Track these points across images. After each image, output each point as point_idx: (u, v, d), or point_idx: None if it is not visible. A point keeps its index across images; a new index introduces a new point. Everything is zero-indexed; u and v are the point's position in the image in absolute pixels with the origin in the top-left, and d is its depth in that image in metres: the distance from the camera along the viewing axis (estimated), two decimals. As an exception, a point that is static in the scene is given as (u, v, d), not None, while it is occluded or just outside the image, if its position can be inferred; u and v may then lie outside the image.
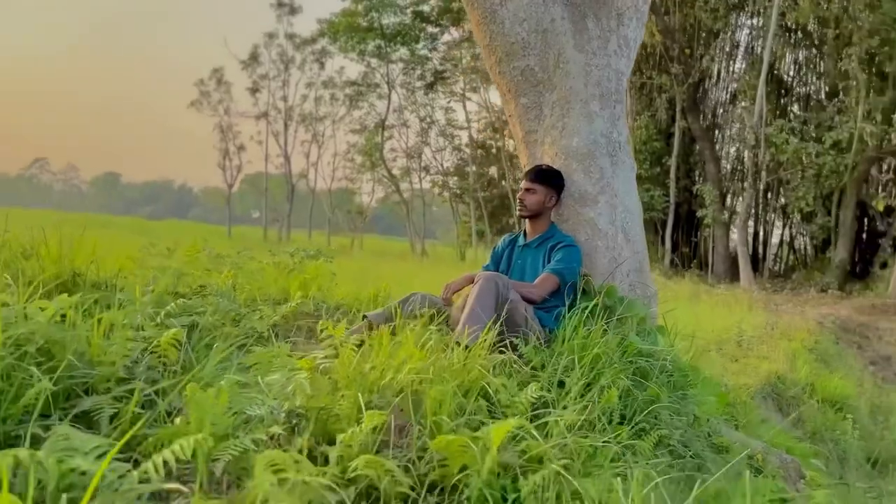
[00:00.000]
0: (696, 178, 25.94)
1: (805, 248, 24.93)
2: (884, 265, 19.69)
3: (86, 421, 2.06)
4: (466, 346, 2.78)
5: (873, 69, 21.09)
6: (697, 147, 25.24)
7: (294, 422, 2.11)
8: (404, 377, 2.35)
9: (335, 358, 2.47)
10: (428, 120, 30.66)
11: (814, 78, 24.80)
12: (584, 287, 3.73)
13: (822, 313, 14.98)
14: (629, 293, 3.83)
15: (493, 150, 29.68)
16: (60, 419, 2.04)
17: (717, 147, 26.15)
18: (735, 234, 22.56)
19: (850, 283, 20.67)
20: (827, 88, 23.54)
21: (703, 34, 24.49)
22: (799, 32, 23.98)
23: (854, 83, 20.69)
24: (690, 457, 2.86)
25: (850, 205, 21.09)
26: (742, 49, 25.46)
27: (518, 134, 4.13)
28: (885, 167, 21.40)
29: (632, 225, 3.96)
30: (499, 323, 3.08)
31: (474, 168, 28.01)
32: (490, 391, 2.54)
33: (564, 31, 3.95)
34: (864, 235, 22.13)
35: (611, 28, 4.04)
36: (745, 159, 23.20)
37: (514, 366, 2.87)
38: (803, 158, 20.44)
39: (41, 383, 1.97)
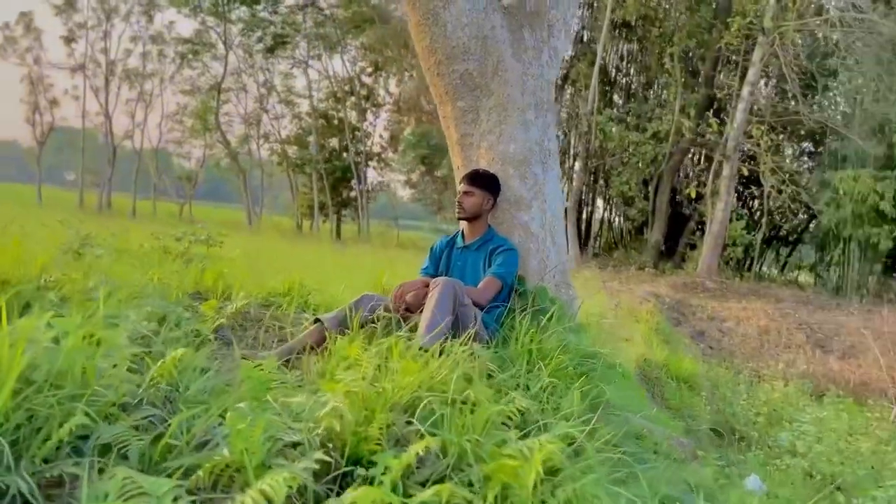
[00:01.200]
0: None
1: (622, 230, 27.01)
2: (693, 247, 21.93)
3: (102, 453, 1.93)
4: (424, 349, 2.89)
5: (689, 68, 23.20)
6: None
7: (329, 446, 2.11)
8: (411, 393, 2.41)
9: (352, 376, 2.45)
10: (267, 85, 29.59)
11: (637, 71, 26.73)
12: (518, 288, 3.94)
13: (647, 291, 16.43)
14: (555, 293, 4.09)
15: (336, 121, 29.26)
16: (74, 452, 1.91)
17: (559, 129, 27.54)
18: (566, 215, 24.02)
19: (663, 262, 22.82)
20: (646, 82, 25.53)
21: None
22: (624, 27, 25.71)
23: (672, 79, 22.66)
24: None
25: (666, 191, 23.19)
26: (573, 37, 26.87)
27: (453, 136, 4.22)
28: (695, 158, 23.69)
29: (558, 229, 4.21)
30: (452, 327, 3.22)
31: (315, 138, 27.47)
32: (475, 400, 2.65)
33: (503, 40, 4.08)
34: (675, 219, 24.41)
35: (543, 39, 4.23)
36: (573, 144, 24.68)
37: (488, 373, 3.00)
38: (628, 147, 22.14)
39: (75, 418, 1.84)
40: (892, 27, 16.57)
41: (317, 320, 3.47)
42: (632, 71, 27.93)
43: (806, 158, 24.06)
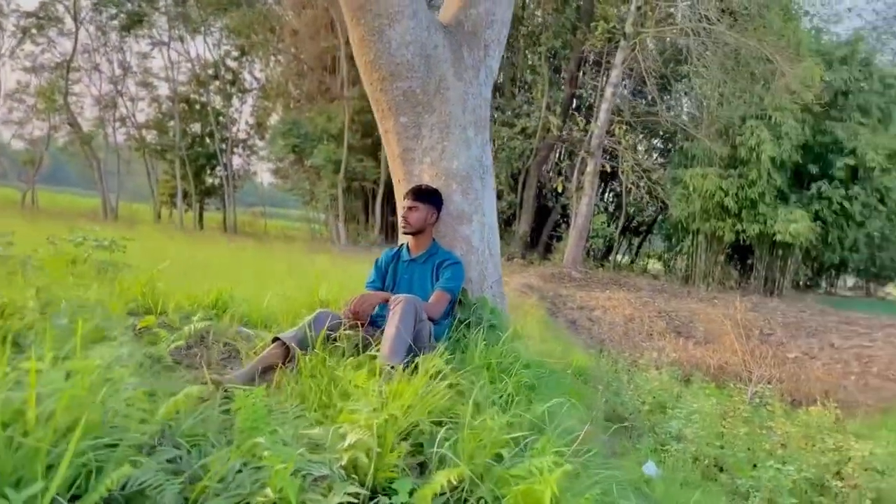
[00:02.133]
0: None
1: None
2: (559, 238, 23.02)
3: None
4: (392, 367, 3.03)
5: (555, 67, 24.22)
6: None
7: (354, 477, 2.19)
8: (417, 417, 2.51)
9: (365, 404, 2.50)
10: (123, 66, 27.72)
11: (506, 68, 27.47)
12: (461, 299, 4.12)
13: (521, 283, 17.10)
14: (493, 303, 4.29)
15: (198, 106, 27.97)
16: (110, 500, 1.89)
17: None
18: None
19: (530, 253, 23.79)
20: (513, 79, 26.33)
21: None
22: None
23: (540, 78, 23.58)
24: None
25: (533, 185, 24.15)
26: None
27: (394, 150, 4.30)
28: (561, 154, 24.77)
29: (494, 241, 4.41)
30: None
31: (177, 123, 26.12)
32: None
33: (446, 59, 4.21)
34: (542, 212, 25.47)
35: (480, 59, 4.40)
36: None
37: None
38: (496, 142, 22.82)
39: (123, 468, 1.82)
40: (736, 38, 18.14)
41: (276, 339, 3.46)
42: (504, 69, 28.61)
43: (656, 156, 25.73)
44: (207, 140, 28.31)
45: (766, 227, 19.91)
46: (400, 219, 3.98)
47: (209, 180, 29.30)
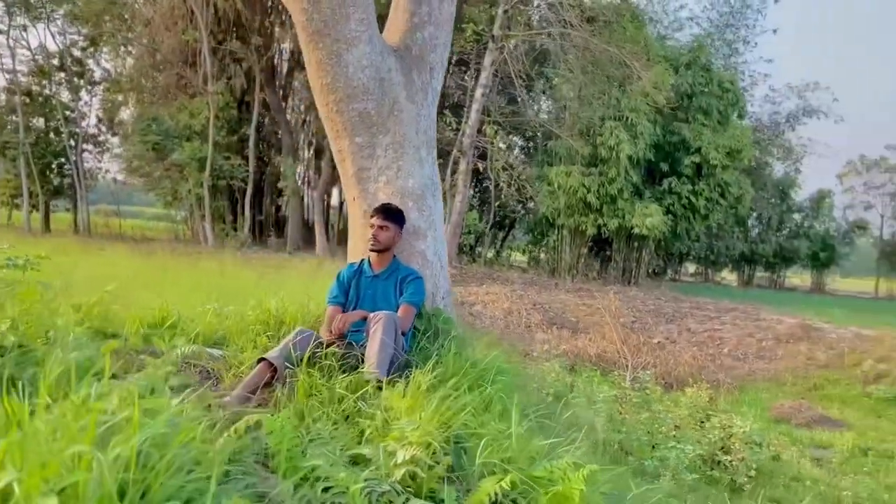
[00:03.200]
0: (272, 150, 26.86)
1: None
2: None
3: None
4: (378, 379, 3.27)
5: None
6: (275, 118, 26.11)
7: (410, 491, 2.39)
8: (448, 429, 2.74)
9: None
10: (-47, 54, 25.09)
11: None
12: (419, 311, 4.35)
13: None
14: (445, 313, 4.56)
15: (41, 99, 25.86)
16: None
17: (291, 120, 27.40)
18: (313, 205, 24.20)
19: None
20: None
21: (281, 7, 25.24)
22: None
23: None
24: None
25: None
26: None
27: (348, 169, 4.44)
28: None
29: (443, 255, 4.66)
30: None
31: (21, 118, 23.99)
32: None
33: (398, 82, 4.40)
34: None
35: (427, 81, 4.63)
36: (317, 133, 24.90)
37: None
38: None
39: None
40: (596, 43, 19.36)
41: (261, 360, 3.55)
42: None
43: (523, 155, 26.79)
44: (53, 136, 26.30)
45: (625, 221, 21.41)
46: (370, 237, 4.11)
47: (57, 179, 27.24)
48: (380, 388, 3.28)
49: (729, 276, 39.15)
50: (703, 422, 7.75)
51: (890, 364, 13.27)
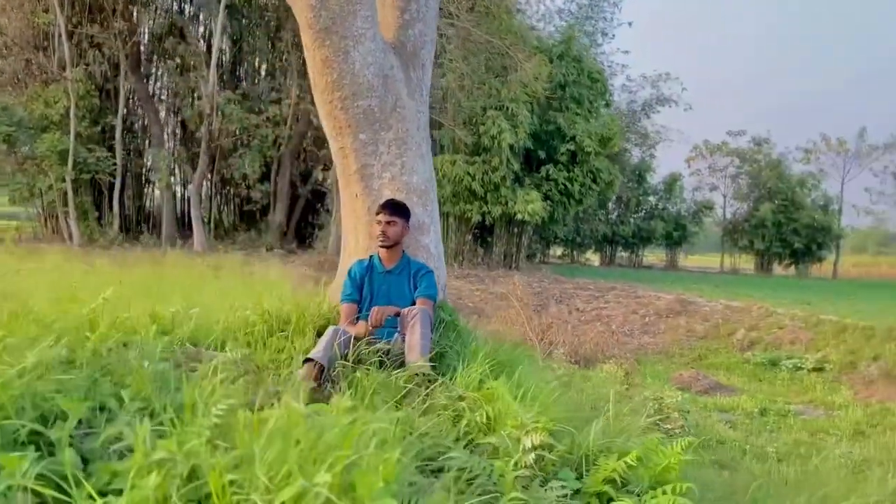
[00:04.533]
0: (142, 141, 25.37)
1: (247, 213, 26.81)
2: (321, 227, 23.20)
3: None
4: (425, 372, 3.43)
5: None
6: (142, 109, 24.65)
7: (540, 474, 2.54)
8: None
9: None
10: None
11: (255, 54, 26.61)
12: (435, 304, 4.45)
13: (299, 273, 17.08)
14: (449, 304, 4.69)
15: None
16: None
17: (162, 111, 25.96)
18: (189, 198, 23.14)
19: (288, 243, 23.68)
20: (266, 65, 25.80)
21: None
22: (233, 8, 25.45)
23: (288, 64, 23.39)
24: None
25: (286, 173, 23.97)
26: (187, 16, 25.60)
27: (351, 166, 4.44)
28: (322, 141, 24.74)
29: (441, 248, 4.78)
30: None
31: None
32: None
33: (399, 79, 4.45)
34: (303, 200, 25.33)
35: (420, 78, 4.71)
36: (189, 124, 23.81)
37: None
38: (249, 129, 22.27)
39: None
40: (479, 34, 19.81)
41: (307, 360, 3.55)
42: (253, 54, 27.44)
43: None
44: None
45: (508, 207, 22.14)
46: (378, 233, 4.15)
47: None
48: (428, 381, 3.41)
49: (592, 256, 41.34)
50: (630, 397, 8.31)
51: (760, 332, 14.71)
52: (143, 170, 25.73)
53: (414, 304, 4.16)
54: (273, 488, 1.65)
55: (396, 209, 4.19)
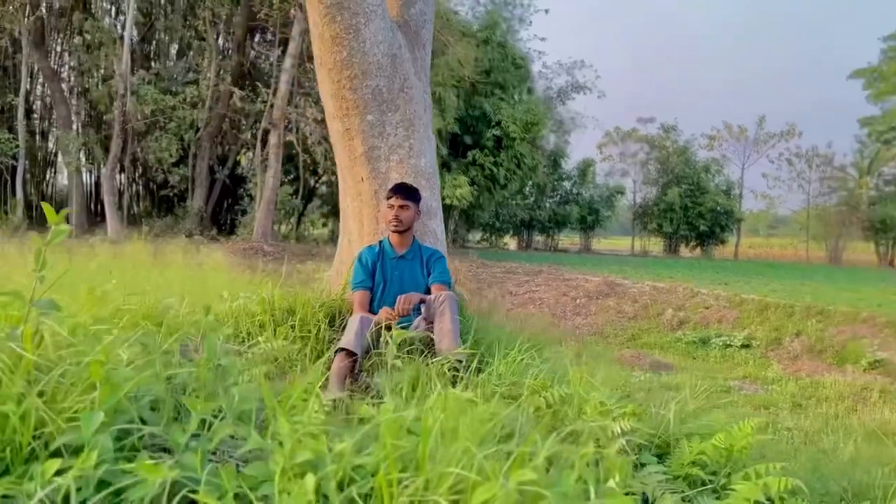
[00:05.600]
0: (46, 122, 23.80)
1: (163, 197, 25.66)
2: (244, 212, 22.47)
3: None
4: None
5: (224, 33, 23.26)
6: (46, 88, 23.11)
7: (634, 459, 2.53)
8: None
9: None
10: None
11: (168, 32, 25.37)
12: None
13: (224, 261, 16.50)
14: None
15: None
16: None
17: (68, 90, 24.42)
18: (100, 183, 21.93)
19: (208, 229, 22.84)
20: (181, 44, 24.66)
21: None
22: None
23: (207, 44, 22.46)
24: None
25: (205, 157, 23.07)
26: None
27: (357, 148, 4.28)
28: (242, 125, 23.90)
29: (443, 230, 4.69)
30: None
31: None
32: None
33: (406, 59, 4.32)
34: (223, 186, 24.43)
35: (423, 57, 4.59)
36: (99, 104, 22.57)
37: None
38: (164, 110, 21.29)
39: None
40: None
41: (339, 350, 3.42)
42: (169, 34, 26.08)
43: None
44: None
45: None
46: (391, 217, 4.01)
47: None
48: (456, 368, 3.34)
49: (510, 241, 41.94)
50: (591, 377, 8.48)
51: (687, 312, 15.32)
52: (49, 153, 24.18)
53: (428, 290, 4.08)
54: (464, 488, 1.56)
55: (409, 193, 4.06)
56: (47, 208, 1.84)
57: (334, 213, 26.61)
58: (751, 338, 13.17)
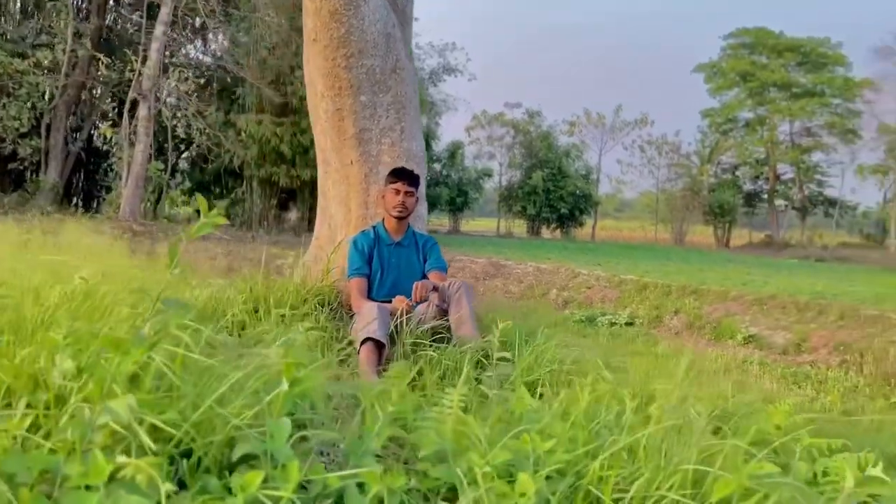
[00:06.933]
0: None
1: (5, 171, 23.25)
2: (108, 189, 20.86)
3: None
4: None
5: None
6: None
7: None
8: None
9: None
10: None
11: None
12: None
13: (93, 242, 15.33)
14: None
15: None
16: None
17: None
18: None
19: (66, 207, 21.07)
20: (29, 3, 22.36)
21: None
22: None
23: (63, 5, 20.59)
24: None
25: (61, 128, 21.19)
26: None
27: (348, 130, 4.13)
28: (106, 96, 22.05)
29: (427, 214, 4.63)
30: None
31: None
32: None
33: (399, 38, 4.21)
34: (83, 159, 22.54)
35: (410, 37, 4.48)
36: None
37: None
38: (13, 75, 19.36)
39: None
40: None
41: (365, 340, 3.32)
42: None
43: (215, 102, 24.85)
44: None
45: (317, 171, 21.60)
46: (396, 203, 3.89)
47: None
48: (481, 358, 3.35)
49: (380, 221, 41.84)
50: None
51: (571, 291, 15.99)
52: None
53: (424, 276, 4.03)
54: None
55: (414, 179, 3.97)
56: None
57: (199, 189, 25.42)
58: (634, 316, 13.97)
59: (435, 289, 3.69)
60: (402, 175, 3.93)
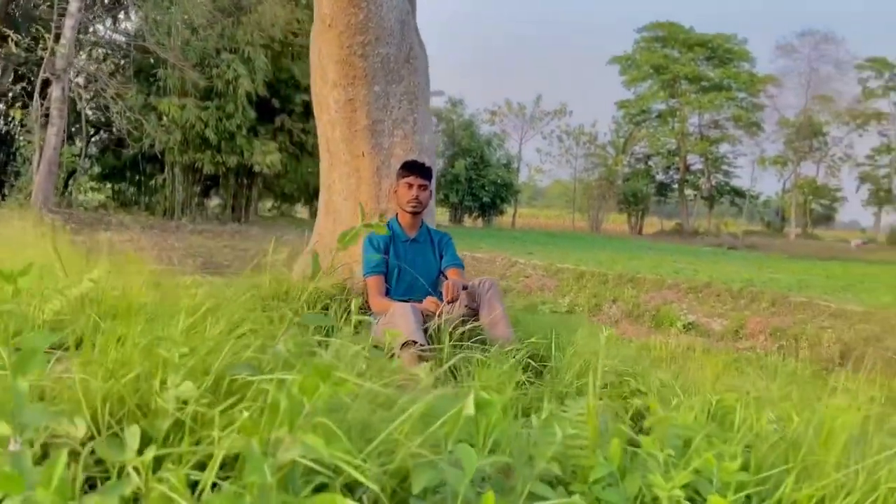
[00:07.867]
0: None
1: None
2: (18, 175, 19.49)
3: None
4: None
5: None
6: None
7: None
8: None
9: None
10: None
11: None
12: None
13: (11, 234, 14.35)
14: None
15: None
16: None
17: None
18: None
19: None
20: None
21: None
22: None
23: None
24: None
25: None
26: None
27: (360, 121, 3.95)
28: (12, 74, 20.46)
29: (434, 208, 4.50)
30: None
31: None
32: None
33: (413, 27, 4.06)
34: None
35: (418, 25, 4.32)
36: None
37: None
38: None
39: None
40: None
41: (405, 343, 3.19)
42: None
43: (135, 85, 23.55)
44: None
45: (244, 158, 20.93)
46: (411, 198, 3.76)
47: None
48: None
49: (302, 209, 41.00)
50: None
51: (509, 280, 16.06)
52: None
53: (440, 274, 3.92)
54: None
55: (427, 172, 3.84)
56: None
57: (113, 175, 24.25)
58: (573, 304, 14.20)
59: (464, 287, 3.58)
60: (414, 168, 3.79)
